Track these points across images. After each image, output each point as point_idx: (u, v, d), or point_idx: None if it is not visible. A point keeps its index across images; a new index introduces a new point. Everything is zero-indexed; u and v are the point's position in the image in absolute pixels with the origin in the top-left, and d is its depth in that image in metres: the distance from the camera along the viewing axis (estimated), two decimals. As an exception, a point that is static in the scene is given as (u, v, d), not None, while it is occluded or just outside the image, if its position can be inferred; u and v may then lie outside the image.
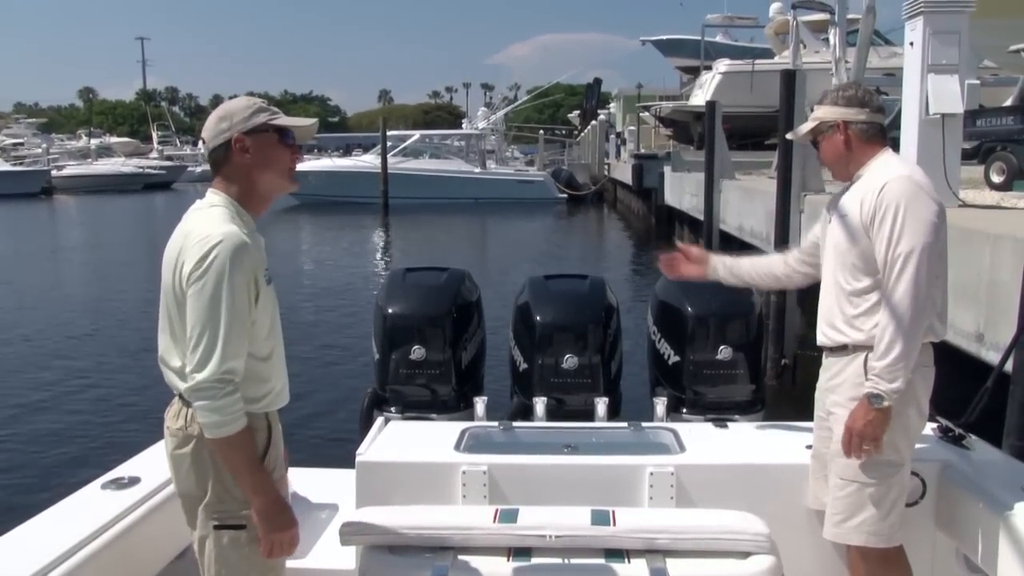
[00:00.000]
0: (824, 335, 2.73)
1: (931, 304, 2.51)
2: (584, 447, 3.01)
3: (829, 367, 2.72)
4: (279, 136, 2.26)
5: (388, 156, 34.23)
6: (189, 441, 2.17)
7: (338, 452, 3.48)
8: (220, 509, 2.18)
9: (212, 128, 2.24)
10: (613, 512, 2.34)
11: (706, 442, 3.07)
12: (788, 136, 3.00)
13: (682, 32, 36.90)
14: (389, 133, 35.68)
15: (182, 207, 2.28)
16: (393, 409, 4.01)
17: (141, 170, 54.67)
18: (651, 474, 2.79)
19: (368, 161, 36.89)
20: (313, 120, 2.40)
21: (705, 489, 2.80)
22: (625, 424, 3.32)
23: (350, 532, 2.38)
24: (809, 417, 2.90)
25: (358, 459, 2.91)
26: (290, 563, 2.33)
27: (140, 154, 64.34)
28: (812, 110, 2.83)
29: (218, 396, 2.04)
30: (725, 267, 3.09)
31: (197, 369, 2.05)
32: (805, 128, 2.81)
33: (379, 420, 3.30)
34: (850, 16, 12.13)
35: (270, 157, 2.25)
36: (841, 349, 2.65)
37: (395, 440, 3.11)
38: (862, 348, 2.58)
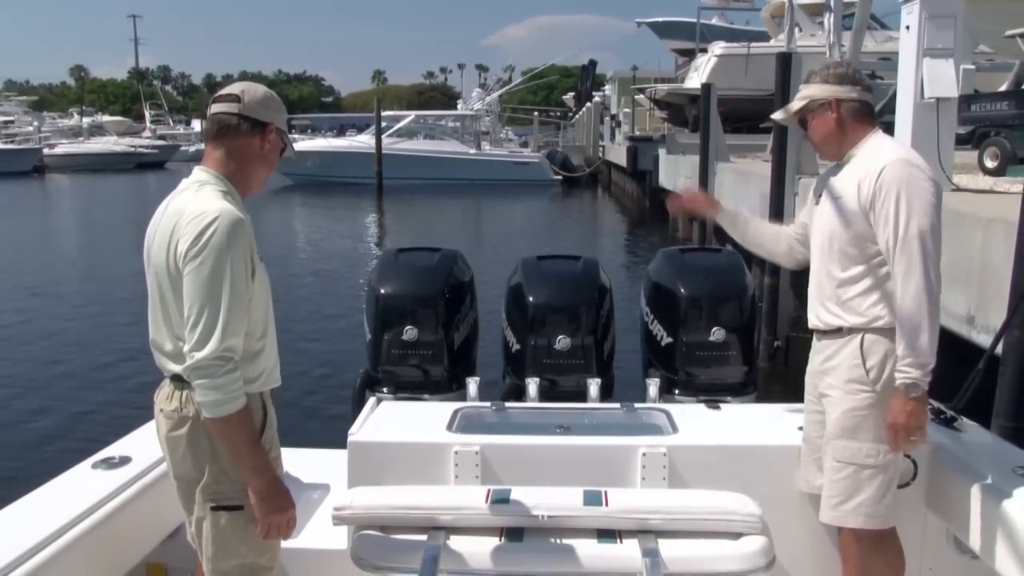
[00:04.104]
0: (817, 318, 2.70)
1: (940, 283, 2.48)
2: (577, 428, 3.01)
3: (822, 350, 2.70)
4: (282, 148, 2.35)
5: (383, 137, 34.06)
6: (184, 423, 2.17)
7: (330, 432, 3.48)
8: (217, 490, 2.19)
9: (259, 101, 2.26)
10: (606, 492, 2.34)
11: (698, 423, 3.07)
12: (774, 116, 2.89)
13: (678, 15, 36.82)
14: (384, 114, 35.53)
15: (175, 187, 2.26)
16: (385, 389, 4.00)
17: (133, 149, 54.33)
18: (644, 455, 2.79)
19: (362, 141, 36.71)
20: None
21: (697, 470, 2.80)
22: (618, 405, 3.31)
23: (342, 512, 2.37)
24: (801, 399, 2.90)
25: (350, 439, 2.90)
26: (282, 543, 2.33)
27: (132, 133, 63.88)
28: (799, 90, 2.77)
29: (219, 374, 2.03)
30: (731, 216, 3.10)
31: (197, 347, 2.03)
32: (794, 107, 2.73)
33: (371, 400, 3.29)
34: (846, 0, 12.09)
35: (273, 159, 2.32)
36: (835, 332, 2.64)
37: (387, 420, 3.11)
38: (858, 330, 2.57)
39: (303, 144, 36.06)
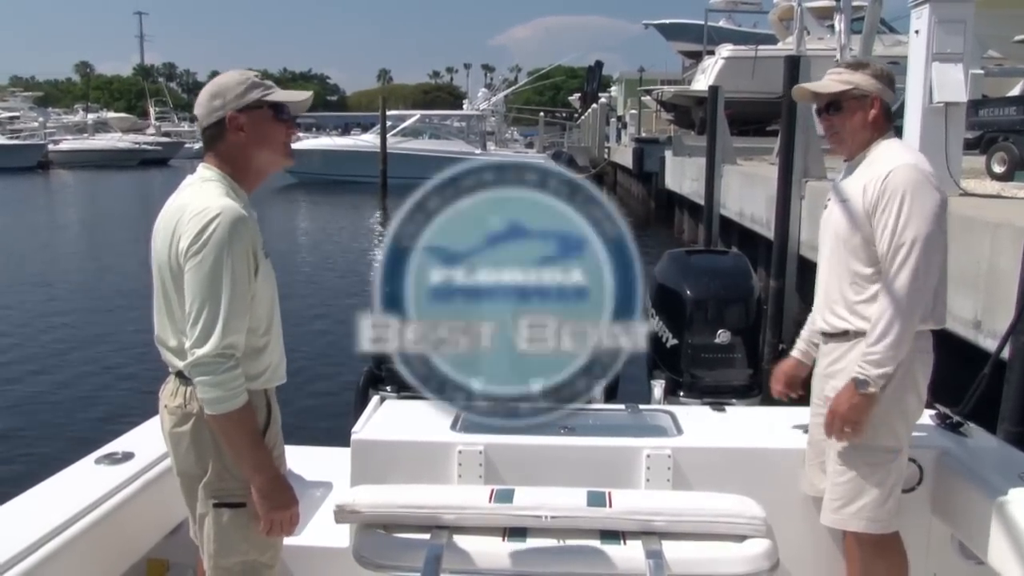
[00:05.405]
0: (824, 321, 2.70)
1: (928, 294, 2.49)
2: (581, 428, 3.00)
3: (828, 353, 2.70)
4: (274, 112, 2.23)
5: (388, 136, 34.09)
6: (188, 419, 2.16)
7: (333, 430, 3.47)
8: (220, 487, 2.18)
9: (205, 105, 2.20)
10: (609, 493, 2.33)
11: (703, 425, 3.06)
12: (805, 86, 2.78)
13: (685, 16, 36.90)
14: (389, 113, 35.50)
15: (179, 183, 2.26)
16: (389, 388, 3.99)
17: (138, 146, 54.50)
18: (648, 456, 2.79)
19: (367, 140, 36.73)
20: (308, 93, 2.35)
21: (702, 472, 2.79)
22: (622, 406, 3.30)
23: (344, 510, 2.35)
24: (806, 402, 2.89)
25: (353, 437, 2.90)
26: (284, 541, 2.33)
27: (137, 130, 64.03)
28: (836, 72, 2.70)
29: (219, 371, 2.03)
30: (813, 345, 2.94)
31: (197, 344, 2.03)
32: (835, 87, 2.64)
33: (375, 399, 3.28)
34: (855, 3, 12.11)
35: (266, 134, 2.22)
36: (842, 335, 2.63)
37: (391, 419, 3.11)
38: (864, 334, 2.56)
39: (307, 143, 36.09)
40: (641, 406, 3.30)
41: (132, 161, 51.39)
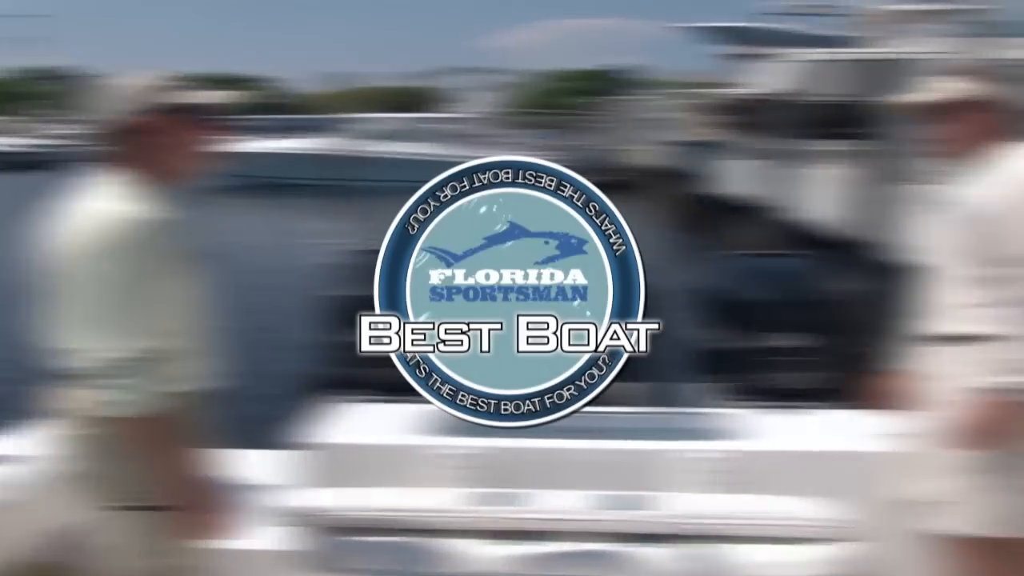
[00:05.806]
0: (937, 324, 2.95)
1: None
2: (582, 431, 3.13)
3: (941, 355, 2.95)
4: (185, 113, 2.52)
5: (360, 139, 34.87)
6: (91, 422, 2.42)
7: (277, 433, 3.66)
8: (127, 491, 2.45)
9: (108, 108, 2.50)
10: (620, 497, 2.63)
11: (762, 429, 3.32)
12: (918, 92, 3.05)
13: (695, 18, 38.27)
14: (366, 115, 36.40)
15: (66, 189, 2.50)
16: (349, 391, 4.15)
17: (13, 149, 55.34)
18: (680, 460, 3.02)
19: (316, 144, 37.38)
20: (225, 93, 2.68)
21: (763, 476, 3.03)
22: (659, 409, 3.57)
23: (303, 514, 2.68)
24: (880, 407, 3.19)
25: (308, 440, 3.18)
26: (234, 545, 2.56)
27: (15, 132, 64.78)
28: (945, 78, 2.97)
29: (124, 375, 2.33)
30: (918, 353, 3.17)
31: (102, 348, 2.33)
32: (949, 94, 2.91)
33: (333, 401, 3.58)
34: (957, 7, 12.64)
35: (176, 138, 2.53)
36: (955, 339, 2.88)
37: (351, 422, 3.41)
38: (978, 338, 2.79)
39: (258, 145, 36.65)
40: (686, 408, 3.59)
41: (14, 165, 51.99)
